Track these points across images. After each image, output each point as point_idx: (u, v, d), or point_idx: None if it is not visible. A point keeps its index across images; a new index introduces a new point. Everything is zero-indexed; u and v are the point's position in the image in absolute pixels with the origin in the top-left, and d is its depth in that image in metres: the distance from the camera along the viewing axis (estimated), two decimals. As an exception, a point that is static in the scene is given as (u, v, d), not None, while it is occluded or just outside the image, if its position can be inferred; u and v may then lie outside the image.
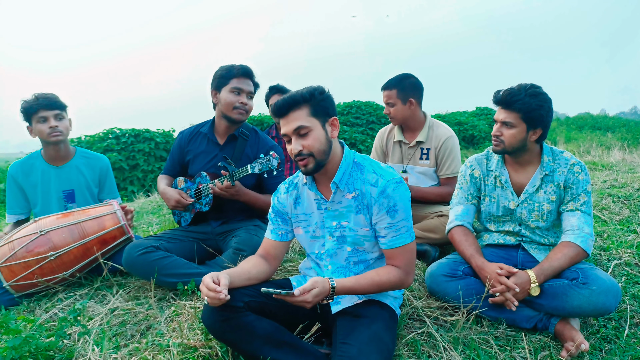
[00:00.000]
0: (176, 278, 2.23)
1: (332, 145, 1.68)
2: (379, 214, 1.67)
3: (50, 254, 2.27)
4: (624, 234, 2.95)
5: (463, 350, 1.82)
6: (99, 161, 2.84)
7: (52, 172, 2.68)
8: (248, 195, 2.45)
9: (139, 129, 8.49)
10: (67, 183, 2.70)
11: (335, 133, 1.70)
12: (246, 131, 2.61)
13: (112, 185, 2.90)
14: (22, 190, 2.68)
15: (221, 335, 1.61)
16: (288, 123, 1.63)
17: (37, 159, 2.70)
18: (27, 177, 2.67)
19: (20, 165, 2.68)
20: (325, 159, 1.67)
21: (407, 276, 1.70)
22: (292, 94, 1.62)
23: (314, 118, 1.63)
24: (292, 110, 1.62)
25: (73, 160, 2.74)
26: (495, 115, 2.11)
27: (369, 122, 12.37)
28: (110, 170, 2.90)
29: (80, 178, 2.74)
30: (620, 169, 4.82)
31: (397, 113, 2.87)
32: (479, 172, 2.25)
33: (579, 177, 2.05)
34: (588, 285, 1.82)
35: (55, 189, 2.68)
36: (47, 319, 2.11)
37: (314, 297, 1.53)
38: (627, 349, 1.88)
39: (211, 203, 2.49)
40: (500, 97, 2.05)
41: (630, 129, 15.86)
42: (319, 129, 1.63)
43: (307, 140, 1.62)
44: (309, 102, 1.62)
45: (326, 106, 1.66)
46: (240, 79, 2.47)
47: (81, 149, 2.83)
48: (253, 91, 2.54)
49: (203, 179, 2.54)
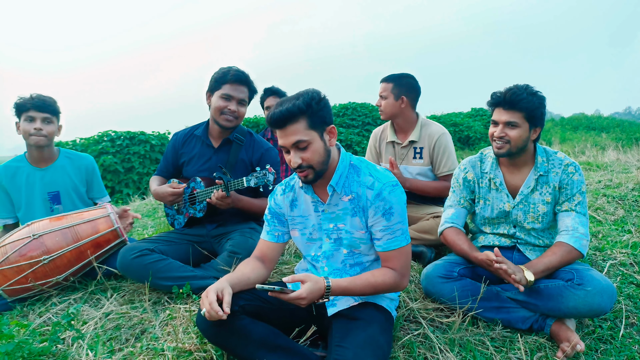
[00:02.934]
0: (171, 281, 2.21)
1: (330, 154, 1.68)
2: (374, 217, 1.67)
3: (44, 258, 2.25)
4: (619, 234, 2.96)
5: (459, 351, 1.81)
6: (83, 160, 2.82)
7: (37, 175, 2.66)
8: (242, 202, 2.44)
9: (134, 132, 8.46)
10: (52, 185, 2.68)
11: (333, 141, 1.68)
12: (241, 136, 2.59)
13: (99, 184, 2.89)
14: (7, 194, 2.67)
15: (216, 339, 1.61)
16: (286, 136, 1.59)
17: (21, 162, 2.68)
18: (11, 180, 2.65)
19: (4, 169, 2.66)
20: (325, 169, 1.66)
21: (402, 278, 1.70)
22: (289, 105, 1.56)
23: (312, 130, 1.60)
24: (289, 123, 1.57)
25: (58, 162, 2.72)
26: (495, 117, 2.08)
27: (364, 123, 12.38)
28: (96, 169, 2.88)
29: (66, 179, 2.72)
30: (614, 169, 4.84)
31: (386, 107, 2.91)
32: (473, 174, 2.25)
33: (573, 178, 2.06)
34: (583, 286, 1.83)
35: (40, 191, 2.66)
36: (41, 324, 2.10)
37: (308, 292, 1.52)
38: (623, 349, 1.89)
39: (205, 210, 2.49)
40: (502, 97, 2.03)
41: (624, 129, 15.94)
42: (317, 141, 1.61)
43: (306, 154, 1.60)
44: (306, 113, 1.57)
45: (323, 115, 1.62)
46: (233, 85, 2.44)
47: (65, 149, 2.80)
48: (246, 98, 2.49)
49: (197, 184, 2.52)
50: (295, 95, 1.62)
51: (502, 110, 2.04)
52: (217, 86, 2.45)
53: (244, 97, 2.48)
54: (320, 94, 1.63)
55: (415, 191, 2.84)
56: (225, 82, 2.43)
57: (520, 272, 1.87)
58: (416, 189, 2.83)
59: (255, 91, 2.55)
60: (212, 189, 2.37)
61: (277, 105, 1.59)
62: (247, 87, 2.49)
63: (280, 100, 1.62)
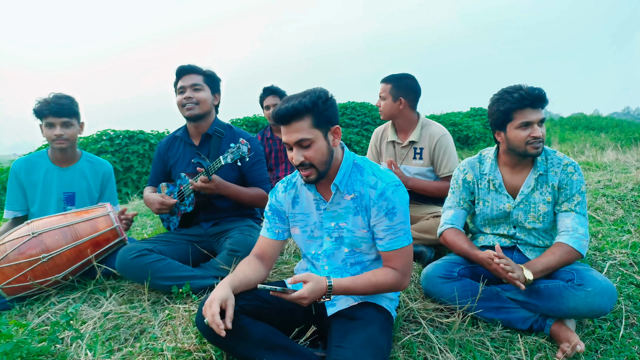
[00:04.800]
0: (170, 281, 2.21)
1: (333, 154, 1.68)
2: (377, 216, 1.67)
3: (43, 256, 2.24)
4: (618, 234, 2.96)
5: (459, 352, 1.81)
6: (102, 166, 2.84)
7: (55, 173, 2.68)
8: (229, 189, 2.43)
9: (133, 131, 8.43)
10: (69, 185, 2.69)
11: (337, 142, 1.68)
12: (220, 129, 2.61)
13: (112, 192, 2.90)
14: (22, 187, 2.67)
15: (215, 339, 1.60)
16: (289, 133, 1.59)
17: (42, 158, 2.70)
18: (29, 174, 2.66)
19: (24, 162, 2.67)
20: (327, 169, 1.66)
21: (404, 278, 1.70)
22: (295, 103, 1.56)
23: (316, 129, 1.59)
24: (294, 120, 1.57)
25: (78, 164, 2.74)
26: (529, 117, 1.99)
27: (364, 122, 12.36)
28: (112, 177, 2.89)
29: (83, 182, 2.73)
30: (614, 169, 4.84)
31: (385, 108, 2.92)
32: (472, 175, 2.25)
33: (572, 178, 2.05)
34: (584, 286, 1.82)
35: (56, 190, 2.67)
36: (40, 323, 2.09)
37: (310, 292, 1.52)
38: (623, 349, 1.89)
39: (194, 202, 2.49)
40: (533, 96, 1.97)
41: (623, 129, 15.95)
42: (321, 140, 1.61)
43: (309, 152, 1.60)
44: (312, 111, 1.57)
45: (329, 115, 1.62)
46: (183, 78, 2.52)
47: (87, 152, 2.82)
48: (200, 82, 2.53)
49: (183, 180, 2.54)
50: (302, 92, 1.62)
51: (532, 110, 1.99)
52: (175, 84, 2.56)
53: (196, 82, 2.52)
54: (328, 93, 1.63)
55: (417, 191, 2.83)
56: (177, 79, 2.55)
57: (519, 271, 1.86)
58: (418, 189, 2.83)
59: (210, 73, 2.59)
60: (196, 178, 2.37)
61: (283, 102, 1.60)
62: (195, 73, 2.54)
63: (288, 97, 1.62)
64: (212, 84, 2.59)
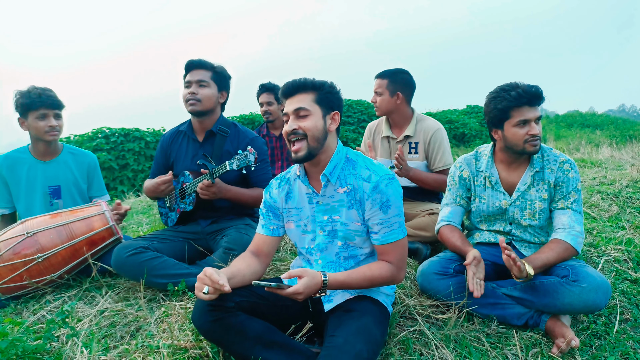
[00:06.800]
0: (166, 279, 2.21)
1: (327, 137, 1.69)
2: (371, 210, 1.67)
3: (38, 256, 2.23)
4: (613, 231, 2.98)
5: (455, 347, 1.82)
6: (86, 157, 2.82)
7: (39, 167, 2.66)
8: (230, 192, 2.42)
9: (129, 128, 8.40)
10: (54, 179, 2.68)
11: (333, 127, 1.71)
12: (225, 127, 2.60)
13: (100, 182, 2.89)
14: (6, 184, 2.65)
15: (212, 336, 1.60)
16: (291, 103, 1.67)
17: (24, 153, 2.68)
18: (11, 171, 2.64)
19: (5, 159, 2.65)
20: (319, 148, 1.67)
21: (399, 271, 1.70)
22: (304, 78, 1.68)
23: (316, 105, 1.66)
24: (298, 92, 1.67)
25: (60, 156, 2.72)
26: (527, 115, 1.98)
27: (360, 120, 12.38)
28: (97, 167, 2.88)
29: (68, 174, 2.72)
30: (609, 166, 4.87)
31: (382, 103, 2.91)
32: (468, 172, 2.26)
33: (569, 175, 2.06)
34: (579, 282, 1.83)
35: (41, 185, 2.65)
36: (35, 321, 2.08)
37: (305, 287, 1.52)
38: (617, 344, 1.90)
39: (194, 202, 2.48)
40: (533, 93, 1.96)
41: (618, 126, 16.02)
42: (318, 116, 1.66)
43: (304, 122, 1.64)
44: (317, 90, 1.67)
45: (332, 100, 1.70)
46: (191, 72, 2.51)
47: (68, 145, 2.80)
48: (206, 78, 2.51)
49: (186, 177, 2.53)
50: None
51: (530, 108, 1.99)
52: (184, 78, 2.55)
53: (202, 78, 2.50)
54: (336, 85, 1.73)
55: (416, 182, 2.81)
56: (186, 73, 2.53)
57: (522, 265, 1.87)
58: (417, 180, 2.80)
59: (219, 70, 2.57)
60: (200, 180, 2.36)
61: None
62: (203, 69, 2.53)
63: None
64: (220, 81, 2.57)
